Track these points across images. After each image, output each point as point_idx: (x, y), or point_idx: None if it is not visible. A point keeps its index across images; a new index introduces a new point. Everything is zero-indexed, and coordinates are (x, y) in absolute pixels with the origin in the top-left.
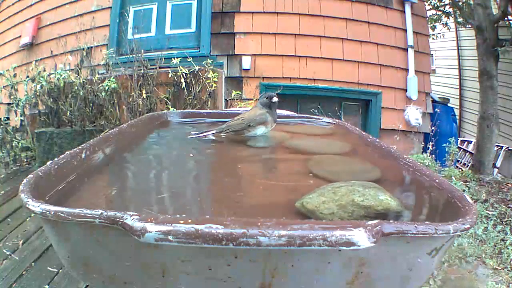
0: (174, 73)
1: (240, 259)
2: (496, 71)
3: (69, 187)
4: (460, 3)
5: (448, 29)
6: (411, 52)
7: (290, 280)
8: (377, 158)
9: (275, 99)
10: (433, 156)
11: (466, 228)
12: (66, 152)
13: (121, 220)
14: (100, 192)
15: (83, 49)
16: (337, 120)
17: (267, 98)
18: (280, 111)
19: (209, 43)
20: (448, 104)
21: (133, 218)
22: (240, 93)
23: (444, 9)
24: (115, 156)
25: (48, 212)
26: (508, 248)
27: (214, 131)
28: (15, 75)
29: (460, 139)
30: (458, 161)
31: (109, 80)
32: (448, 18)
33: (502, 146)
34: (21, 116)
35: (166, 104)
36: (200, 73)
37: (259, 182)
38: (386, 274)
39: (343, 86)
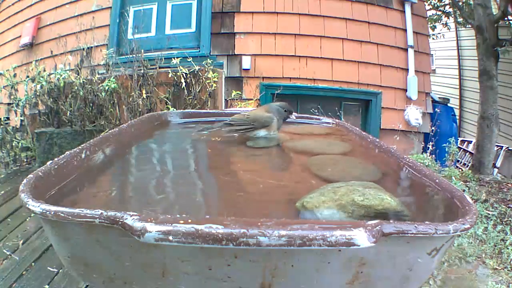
0: (174, 73)
1: (240, 259)
2: (496, 71)
3: (69, 187)
4: (460, 3)
5: (448, 29)
6: (411, 52)
7: (290, 280)
8: (377, 158)
9: (293, 116)
10: (433, 156)
11: (466, 228)
12: (66, 152)
13: (121, 220)
14: (100, 192)
15: (83, 49)
16: (337, 120)
17: (286, 111)
18: None
19: (209, 43)
20: (448, 104)
21: (133, 218)
22: (240, 93)
23: (444, 9)
24: (115, 156)
25: (48, 212)
26: (508, 248)
27: (218, 126)
28: (15, 75)
29: (460, 139)
30: (458, 161)
31: (109, 80)
32: (448, 18)
33: (502, 146)
34: (21, 116)
35: (166, 104)
36: (200, 73)
37: (259, 182)
38: (386, 274)
39: (343, 86)
